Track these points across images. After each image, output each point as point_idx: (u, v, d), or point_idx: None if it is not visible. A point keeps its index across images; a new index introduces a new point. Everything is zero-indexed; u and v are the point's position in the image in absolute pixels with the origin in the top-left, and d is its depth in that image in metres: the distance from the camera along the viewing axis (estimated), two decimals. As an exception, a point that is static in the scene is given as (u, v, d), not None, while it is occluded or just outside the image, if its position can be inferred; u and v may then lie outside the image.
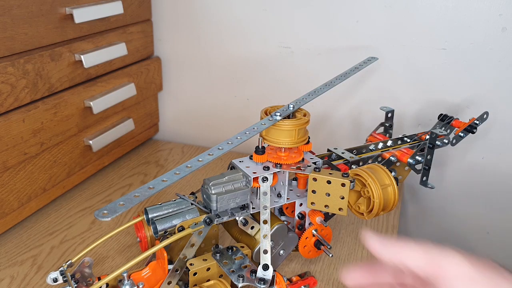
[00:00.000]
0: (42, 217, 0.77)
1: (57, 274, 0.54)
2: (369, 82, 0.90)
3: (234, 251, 0.56)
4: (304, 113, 0.58)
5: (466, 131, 0.73)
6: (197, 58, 1.01)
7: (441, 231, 0.98)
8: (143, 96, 0.97)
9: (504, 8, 0.79)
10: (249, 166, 0.56)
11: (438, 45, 0.84)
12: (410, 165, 0.69)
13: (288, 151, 0.57)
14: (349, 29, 0.88)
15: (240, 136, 0.53)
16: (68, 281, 0.53)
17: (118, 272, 0.50)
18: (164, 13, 0.99)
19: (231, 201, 0.55)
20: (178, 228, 0.53)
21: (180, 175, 0.47)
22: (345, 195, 0.55)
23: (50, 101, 0.74)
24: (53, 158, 0.77)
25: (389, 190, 0.58)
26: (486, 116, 0.74)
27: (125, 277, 0.53)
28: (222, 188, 0.55)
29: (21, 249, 0.69)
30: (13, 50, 0.66)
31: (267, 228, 0.53)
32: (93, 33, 0.81)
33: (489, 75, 0.84)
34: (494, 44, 0.81)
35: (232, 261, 0.55)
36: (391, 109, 0.77)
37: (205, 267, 0.54)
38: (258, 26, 0.94)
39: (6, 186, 0.69)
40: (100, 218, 0.39)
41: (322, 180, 0.55)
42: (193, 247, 0.54)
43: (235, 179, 0.55)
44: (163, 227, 0.54)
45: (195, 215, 0.55)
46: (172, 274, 0.53)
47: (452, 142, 0.73)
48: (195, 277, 0.54)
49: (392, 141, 0.72)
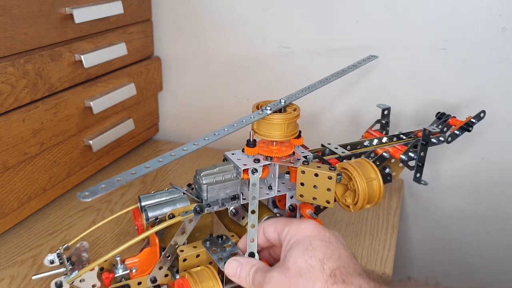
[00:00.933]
0: (42, 217, 0.77)
1: (54, 256, 0.55)
2: (370, 81, 0.90)
3: (224, 239, 0.58)
4: (295, 107, 0.59)
5: (462, 129, 0.73)
6: (197, 58, 1.01)
7: (441, 231, 0.98)
8: (143, 96, 0.97)
9: (504, 8, 0.79)
10: (240, 158, 0.58)
11: (438, 45, 0.84)
12: (403, 161, 0.69)
13: (279, 145, 0.58)
14: (349, 29, 0.88)
15: (227, 128, 0.54)
16: (64, 263, 0.54)
17: (111, 254, 0.52)
18: (164, 13, 0.99)
19: (222, 191, 0.57)
20: (168, 215, 0.55)
21: (163, 162, 0.48)
22: (332, 188, 0.57)
23: (50, 101, 0.74)
24: (53, 158, 0.77)
25: (374, 184, 0.60)
26: (483, 115, 0.74)
27: (118, 261, 0.55)
28: (213, 179, 0.56)
29: (21, 249, 0.69)
30: (13, 50, 0.66)
31: (255, 218, 0.55)
32: (93, 33, 0.81)
33: (489, 75, 0.84)
34: (494, 44, 0.81)
35: (222, 249, 0.57)
36: (388, 107, 0.77)
37: (194, 254, 0.56)
38: (258, 26, 0.94)
39: (6, 186, 0.69)
40: (82, 198, 0.41)
41: (310, 173, 0.57)
42: (184, 234, 0.56)
43: (226, 170, 0.57)
44: (153, 214, 0.57)
45: (185, 203, 0.57)
46: (163, 260, 0.56)
47: (448, 140, 0.73)
48: (185, 263, 0.56)
49: (387, 138, 0.73)
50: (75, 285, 0.53)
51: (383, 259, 0.69)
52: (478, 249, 0.97)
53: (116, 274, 0.56)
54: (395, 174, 0.73)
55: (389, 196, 0.87)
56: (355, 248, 0.71)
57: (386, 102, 0.84)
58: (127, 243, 0.52)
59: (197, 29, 0.98)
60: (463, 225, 0.96)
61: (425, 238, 0.99)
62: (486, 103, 0.85)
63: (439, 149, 0.82)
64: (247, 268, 0.51)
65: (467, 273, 1.00)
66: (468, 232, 0.96)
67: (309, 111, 0.58)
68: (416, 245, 1.01)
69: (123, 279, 0.56)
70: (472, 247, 0.97)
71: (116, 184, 0.44)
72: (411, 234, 1.00)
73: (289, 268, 0.47)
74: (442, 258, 1.01)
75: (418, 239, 1.01)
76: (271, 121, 0.56)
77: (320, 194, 0.58)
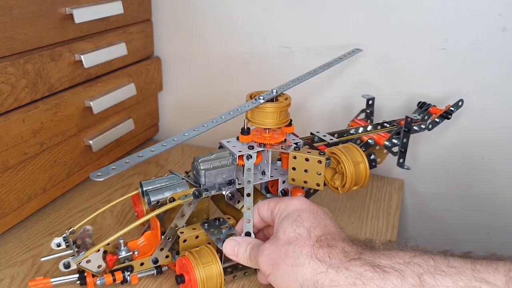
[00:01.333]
0: (42, 217, 0.77)
1: (60, 239, 0.59)
2: (370, 81, 0.90)
3: (221, 221, 0.63)
4: (286, 97, 0.63)
5: (442, 117, 0.78)
6: (197, 58, 1.01)
7: (441, 231, 0.98)
8: (143, 96, 0.97)
9: (504, 8, 0.79)
10: (235, 145, 0.61)
11: (438, 45, 0.84)
12: (387, 147, 0.74)
13: (272, 133, 0.62)
14: (349, 29, 0.88)
15: (224, 115, 0.58)
16: (70, 246, 0.58)
17: (115, 236, 0.56)
18: (164, 13, 0.99)
19: (218, 176, 0.61)
20: (169, 199, 0.59)
21: (167, 146, 0.52)
22: (322, 171, 0.61)
23: (50, 101, 0.74)
24: (53, 158, 0.77)
25: (361, 167, 0.64)
26: (461, 104, 0.79)
27: (121, 244, 0.60)
28: (210, 165, 0.60)
29: (21, 249, 0.69)
30: (13, 50, 0.66)
31: (250, 200, 0.60)
32: (93, 33, 0.81)
33: (489, 75, 0.84)
34: (494, 44, 0.81)
35: (219, 230, 0.61)
36: (372, 97, 0.81)
37: (194, 235, 0.61)
38: (258, 26, 0.94)
39: (6, 186, 0.69)
40: (95, 178, 0.45)
41: (301, 157, 0.61)
42: (183, 217, 0.60)
43: (222, 157, 0.61)
44: (155, 198, 0.61)
45: (184, 188, 0.62)
46: (164, 241, 0.60)
47: (429, 127, 0.77)
48: (185, 243, 0.61)
49: (372, 126, 0.77)
50: (82, 266, 0.57)
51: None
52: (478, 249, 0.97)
53: (119, 256, 0.60)
54: (379, 160, 0.76)
55: (389, 196, 0.87)
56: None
57: (386, 101, 0.84)
58: (129, 226, 0.56)
59: (197, 29, 0.98)
60: (463, 225, 0.96)
61: (426, 239, 0.99)
62: (486, 102, 0.85)
63: (445, 156, 0.82)
64: (244, 246, 0.56)
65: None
66: (468, 232, 0.96)
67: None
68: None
69: (126, 261, 0.61)
70: (473, 247, 0.97)
71: (125, 166, 0.47)
72: (411, 233, 1.00)
73: (279, 238, 0.52)
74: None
75: (418, 239, 1.00)
76: (264, 110, 0.60)
77: (311, 177, 0.62)
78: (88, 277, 0.59)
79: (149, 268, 0.62)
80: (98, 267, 0.58)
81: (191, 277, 0.56)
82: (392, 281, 0.44)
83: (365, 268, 0.46)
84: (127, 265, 0.60)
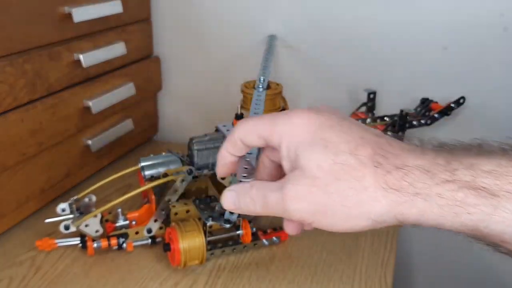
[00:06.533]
0: (41, 218, 0.76)
1: (65, 205, 0.65)
2: (370, 81, 0.90)
3: (212, 199, 0.68)
4: (277, 84, 0.69)
5: (442, 113, 0.80)
6: (197, 57, 1.00)
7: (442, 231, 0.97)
8: (142, 95, 0.97)
9: (505, 8, 0.79)
10: (229, 129, 0.65)
11: (438, 45, 0.84)
12: None
13: None
14: (349, 29, 0.88)
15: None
16: (73, 211, 0.65)
17: (113, 203, 0.62)
18: (164, 13, 0.98)
19: (211, 157, 0.65)
20: (162, 174, 0.65)
21: None
22: None
23: (49, 101, 0.73)
24: (52, 158, 0.76)
25: None
26: (462, 101, 0.80)
27: (120, 214, 0.67)
28: (203, 145, 0.65)
29: (19, 250, 0.69)
30: (11, 49, 0.66)
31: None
32: (92, 32, 0.81)
33: (490, 75, 0.83)
34: (496, 44, 0.81)
35: (209, 206, 0.66)
36: (373, 91, 0.83)
37: (185, 209, 0.67)
38: (258, 26, 0.93)
39: (5, 186, 0.68)
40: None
41: None
42: (176, 192, 0.65)
43: (216, 138, 0.66)
44: (149, 172, 0.68)
45: (178, 165, 0.68)
46: (158, 213, 0.66)
47: (428, 122, 0.80)
48: (176, 216, 0.66)
49: (371, 119, 0.79)
50: (81, 229, 0.63)
51: (384, 261, 0.69)
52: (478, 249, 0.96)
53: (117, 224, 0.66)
54: None
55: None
56: (356, 250, 0.71)
57: (386, 101, 0.84)
58: (126, 195, 0.63)
59: (197, 28, 0.98)
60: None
61: (425, 238, 0.99)
62: (486, 103, 0.85)
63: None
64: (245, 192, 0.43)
65: (471, 272, 0.99)
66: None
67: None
68: (417, 245, 1.01)
69: (123, 229, 0.67)
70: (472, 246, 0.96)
71: None
72: (411, 233, 0.99)
73: (316, 176, 0.38)
74: (443, 258, 1.01)
75: (418, 239, 1.00)
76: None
77: None
78: (89, 241, 0.65)
79: (144, 237, 0.67)
80: (95, 231, 0.64)
81: (175, 247, 0.61)
82: (507, 207, 0.35)
83: (465, 192, 0.36)
84: (122, 232, 0.66)
